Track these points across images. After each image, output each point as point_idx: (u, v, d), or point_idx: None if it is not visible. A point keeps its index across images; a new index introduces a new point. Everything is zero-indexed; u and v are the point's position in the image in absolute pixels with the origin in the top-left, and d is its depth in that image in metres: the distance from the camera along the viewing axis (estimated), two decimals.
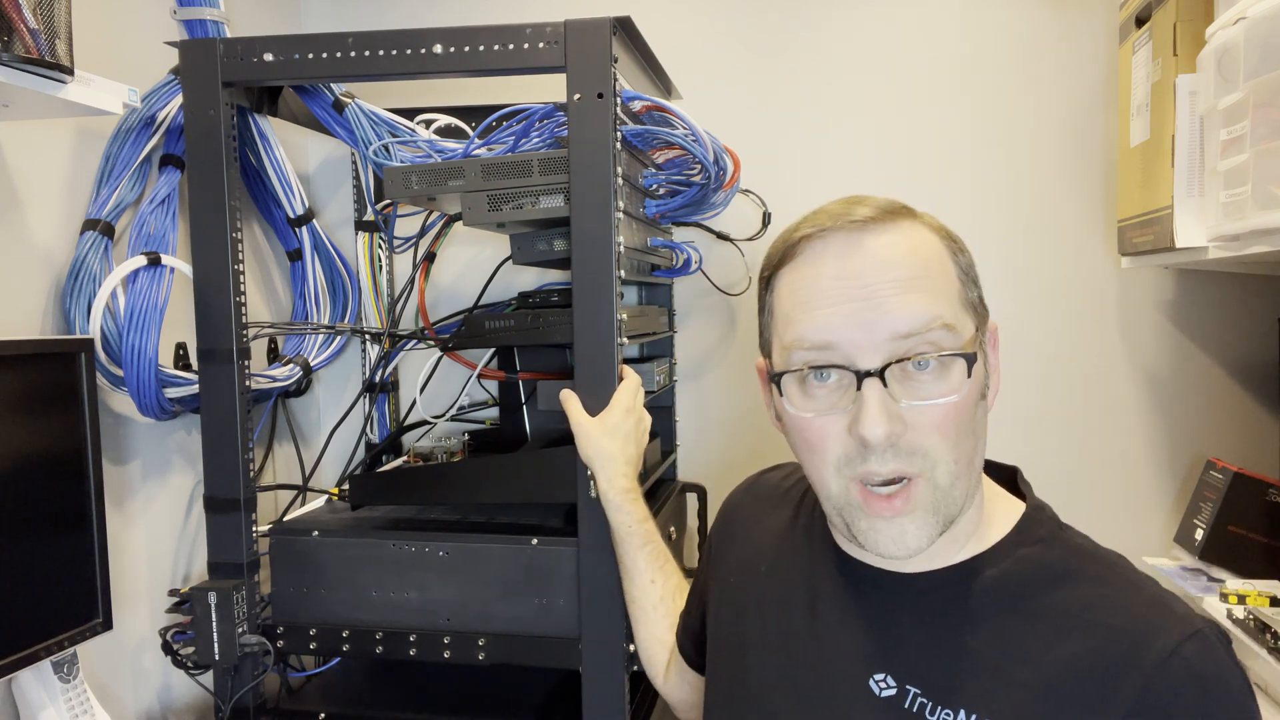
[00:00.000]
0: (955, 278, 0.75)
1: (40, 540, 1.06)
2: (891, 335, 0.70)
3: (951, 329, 0.71)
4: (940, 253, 0.75)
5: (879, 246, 0.73)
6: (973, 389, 0.72)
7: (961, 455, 0.72)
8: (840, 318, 0.72)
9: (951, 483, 0.72)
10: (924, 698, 0.72)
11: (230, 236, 1.24)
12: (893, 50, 1.69)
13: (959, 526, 0.76)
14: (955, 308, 0.73)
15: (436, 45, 1.18)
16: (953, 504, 0.73)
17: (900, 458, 0.71)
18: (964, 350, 0.72)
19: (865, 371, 0.71)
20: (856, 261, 0.73)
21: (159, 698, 1.41)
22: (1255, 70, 1.03)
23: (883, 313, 0.71)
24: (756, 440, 1.78)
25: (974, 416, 0.73)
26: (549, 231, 1.27)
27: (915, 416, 0.71)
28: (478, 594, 1.25)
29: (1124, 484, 1.66)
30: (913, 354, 0.70)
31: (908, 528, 0.72)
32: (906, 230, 0.75)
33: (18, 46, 0.90)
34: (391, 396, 1.81)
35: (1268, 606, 1.25)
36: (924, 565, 0.77)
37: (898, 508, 0.72)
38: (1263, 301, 1.60)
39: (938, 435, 0.71)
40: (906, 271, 0.72)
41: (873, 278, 0.72)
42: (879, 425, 0.69)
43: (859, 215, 0.74)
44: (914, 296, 0.71)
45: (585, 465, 1.17)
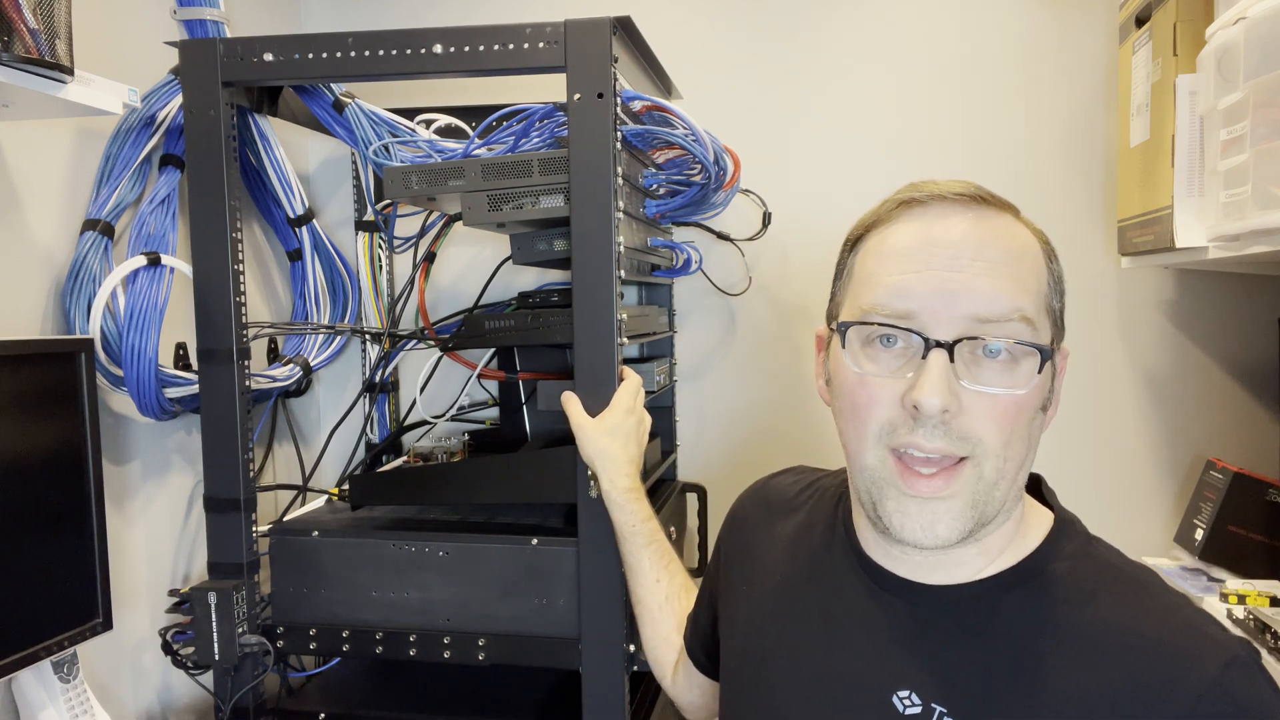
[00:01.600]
0: (1045, 281, 0.73)
1: (40, 540, 1.06)
2: (970, 314, 0.68)
3: (1031, 324, 0.69)
4: (1036, 253, 0.74)
5: (977, 225, 0.71)
6: (1037, 391, 0.70)
7: (1011, 456, 0.70)
8: (924, 284, 0.70)
9: (996, 480, 0.69)
10: (949, 716, 0.70)
11: (230, 236, 1.24)
12: (893, 50, 1.69)
13: (993, 538, 0.74)
14: (1039, 309, 0.71)
15: (436, 45, 1.18)
16: (992, 504, 0.70)
17: (949, 438, 0.68)
18: (1045, 349, 0.70)
19: (936, 341, 0.68)
20: (952, 233, 0.71)
21: (159, 698, 1.41)
22: (1255, 70, 1.03)
23: (968, 289, 0.69)
24: (756, 440, 1.78)
25: (1031, 422, 0.71)
26: (549, 231, 1.27)
27: (974, 402, 0.68)
28: (478, 594, 1.25)
29: (1124, 484, 1.66)
30: (989, 337, 0.68)
31: (940, 515, 0.69)
32: (1008, 221, 0.74)
33: (18, 46, 0.90)
34: (391, 396, 1.81)
35: (1268, 606, 1.25)
36: (953, 577, 0.75)
37: (937, 488, 0.69)
38: (1263, 301, 1.60)
39: (993, 426, 0.68)
40: (1000, 256, 0.70)
41: (965, 252, 0.70)
42: (936, 395, 0.67)
43: (965, 190, 0.72)
44: (1002, 282, 0.69)
45: (586, 466, 1.17)
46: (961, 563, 0.74)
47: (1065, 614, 0.70)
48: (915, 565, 0.77)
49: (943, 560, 0.75)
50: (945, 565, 0.75)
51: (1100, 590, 0.71)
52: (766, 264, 1.74)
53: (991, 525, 0.73)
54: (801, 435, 1.75)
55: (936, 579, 0.76)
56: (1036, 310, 0.70)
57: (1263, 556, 1.42)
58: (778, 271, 1.74)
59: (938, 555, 0.74)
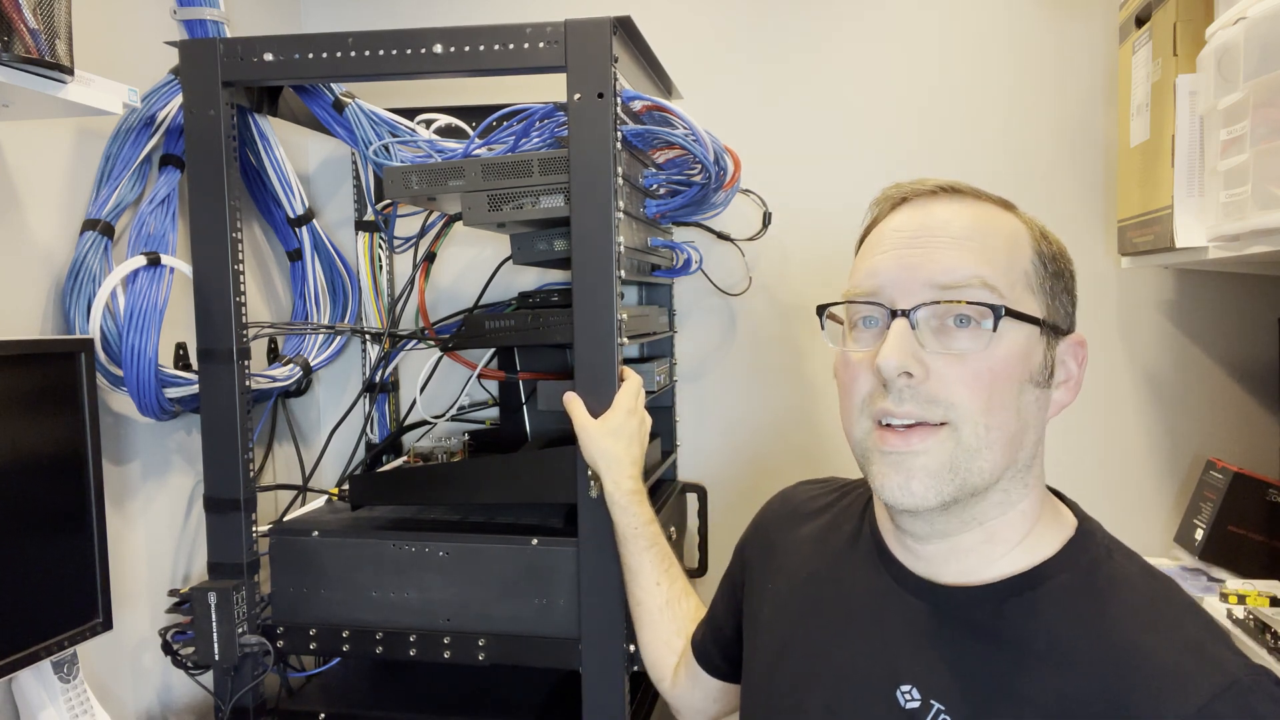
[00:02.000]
0: (1026, 259, 0.75)
1: (40, 540, 1.06)
2: (930, 282, 0.72)
3: (995, 291, 0.71)
4: (1018, 234, 0.76)
5: (944, 209, 0.76)
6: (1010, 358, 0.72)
7: (995, 424, 0.71)
8: (889, 261, 0.75)
9: (979, 447, 0.71)
10: (946, 714, 0.71)
11: (230, 236, 1.24)
12: (893, 50, 1.69)
13: (997, 526, 0.75)
14: (1010, 279, 0.73)
15: (436, 45, 1.18)
16: (976, 473, 0.71)
17: (920, 403, 0.71)
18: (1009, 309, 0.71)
19: (896, 311, 0.73)
20: (919, 219, 0.76)
21: (159, 698, 1.41)
22: (1255, 70, 1.03)
23: (929, 260, 0.73)
24: (756, 440, 1.78)
25: (1015, 394, 0.72)
26: (549, 231, 1.27)
27: (944, 366, 0.71)
28: (478, 594, 1.25)
29: (1124, 484, 1.66)
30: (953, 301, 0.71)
31: (915, 472, 0.71)
32: (987, 208, 0.77)
33: (18, 46, 0.90)
34: (391, 396, 1.81)
35: (1268, 606, 1.25)
36: (964, 576, 0.76)
37: (910, 442, 0.71)
38: (1263, 301, 1.60)
39: (965, 390, 0.70)
40: (964, 232, 0.74)
41: (927, 232, 0.75)
42: (892, 356, 0.70)
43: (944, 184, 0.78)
44: (960, 253, 0.73)
45: (588, 466, 1.17)
46: (969, 550, 0.76)
47: (1069, 624, 0.71)
48: (930, 560, 0.78)
49: (952, 548, 0.76)
50: (955, 554, 0.76)
51: (1109, 603, 0.71)
52: (766, 264, 1.74)
53: (986, 503, 0.74)
54: (802, 435, 1.75)
55: (951, 578, 0.77)
56: (1005, 282, 0.73)
57: (1263, 556, 1.42)
58: (778, 271, 1.74)
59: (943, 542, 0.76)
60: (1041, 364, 0.75)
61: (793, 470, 1.74)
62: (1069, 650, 0.69)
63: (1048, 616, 0.72)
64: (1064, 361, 0.77)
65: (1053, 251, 0.77)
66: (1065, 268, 0.78)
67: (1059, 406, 0.78)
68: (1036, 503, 0.77)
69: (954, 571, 0.77)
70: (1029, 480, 0.76)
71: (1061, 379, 0.77)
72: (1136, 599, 0.71)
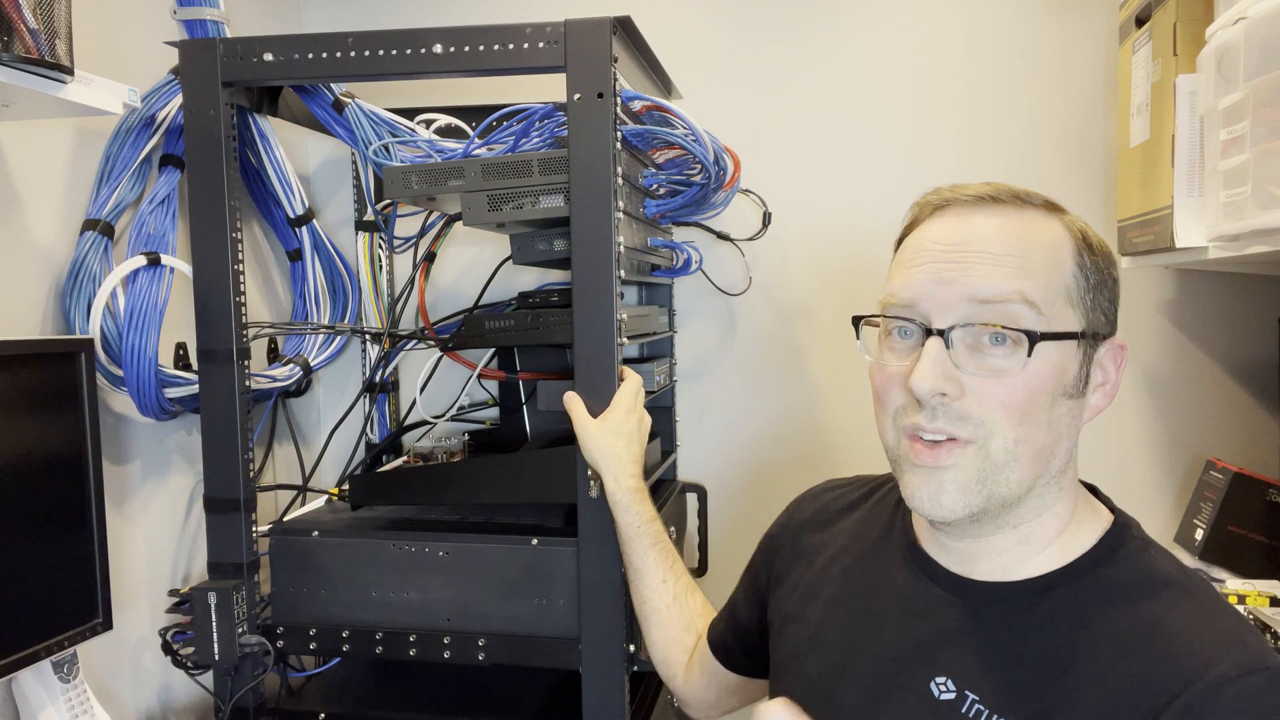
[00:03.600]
0: (1067, 272, 0.74)
1: (40, 540, 1.06)
2: (967, 297, 0.72)
3: (1034, 308, 0.71)
4: (1058, 245, 0.75)
5: (985, 221, 0.75)
6: (1044, 375, 0.71)
7: (1026, 439, 0.71)
8: (926, 274, 0.74)
9: (1006, 460, 0.71)
10: (981, 705, 0.72)
11: (230, 236, 1.24)
12: (893, 50, 1.69)
13: (1031, 528, 0.76)
14: (1050, 295, 0.72)
15: (436, 45, 1.18)
16: (1004, 485, 0.72)
17: (951, 420, 0.72)
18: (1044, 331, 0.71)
19: (931, 329, 0.73)
20: (958, 230, 0.75)
21: (159, 698, 1.41)
22: (1255, 70, 1.03)
23: (965, 275, 0.72)
24: (756, 440, 1.78)
25: (1047, 408, 0.72)
26: (549, 231, 1.27)
27: (977, 385, 0.71)
28: (478, 594, 1.25)
29: (1124, 484, 1.66)
30: (988, 322, 0.71)
31: (945, 485, 0.72)
32: (1029, 217, 0.76)
33: (18, 46, 0.90)
34: (391, 396, 1.81)
35: (1268, 606, 1.25)
36: (999, 572, 0.77)
37: (939, 457, 0.72)
38: (1263, 301, 1.60)
39: (999, 409, 0.71)
40: (1003, 247, 0.73)
41: (967, 246, 0.73)
42: (925, 379, 0.71)
43: (983, 192, 0.76)
44: (1000, 268, 0.72)
45: (589, 465, 1.17)
46: (1002, 550, 0.76)
47: (1105, 615, 0.71)
48: (962, 557, 0.79)
49: (984, 548, 0.77)
50: (988, 554, 0.77)
51: (1146, 597, 0.72)
52: (766, 264, 1.74)
53: (1020, 510, 0.75)
54: (802, 434, 1.75)
55: (984, 574, 0.78)
56: (1045, 296, 0.72)
57: (1263, 556, 1.42)
58: (778, 271, 1.74)
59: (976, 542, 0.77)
60: (1076, 376, 0.74)
61: (793, 470, 1.74)
62: (1105, 637, 0.70)
63: (1084, 610, 0.72)
64: (1102, 365, 0.77)
65: (1095, 260, 0.76)
66: (1109, 273, 0.77)
67: (1095, 411, 0.77)
68: (1070, 503, 0.78)
69: (987, 569, 0.78)
70: (1063, 484, 0.77)
71: (1098, 383, 0.77)
72: (1175, 592, 0.72)
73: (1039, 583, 0.75)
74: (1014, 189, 0.77)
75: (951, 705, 0.74)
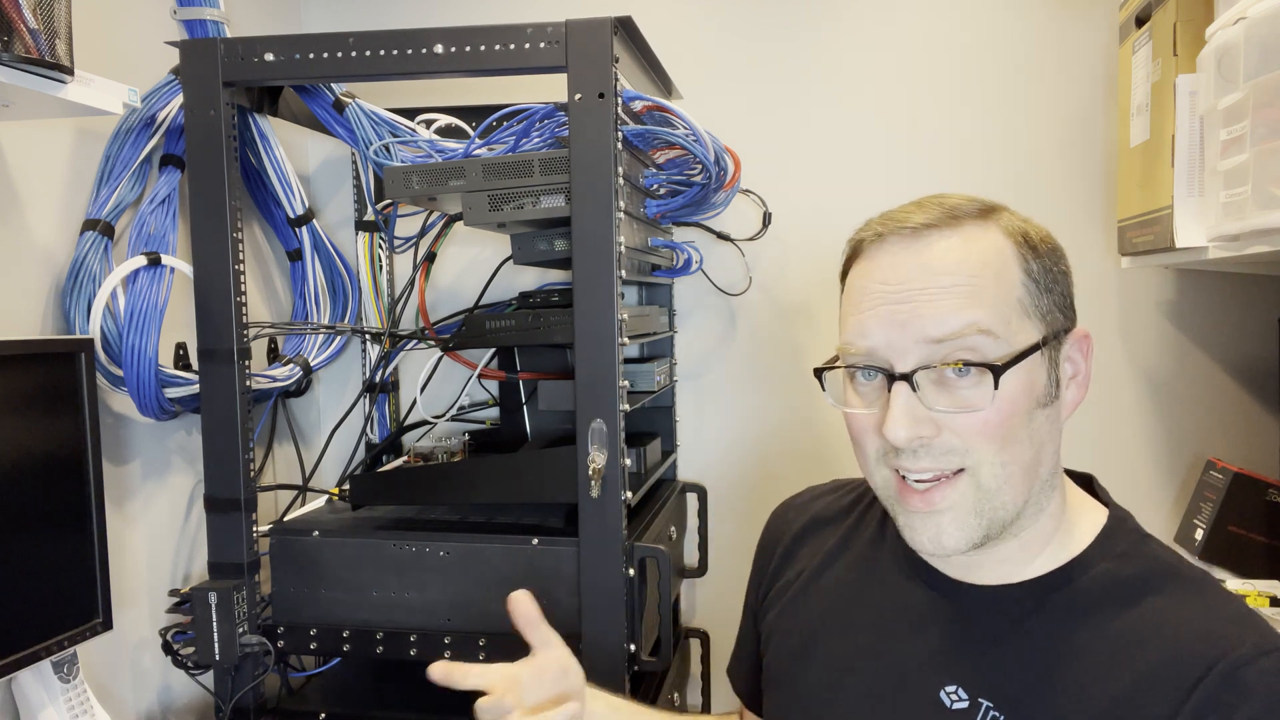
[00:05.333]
0: (1016, 283, 0.73)
1: (40, 540, 1.06)
2: (923, 338, 0.71)
3: (991, 335, 0.70)
4: (1001, 258, 0.73)
5: (927, 253, 0.73)
6: (1016, 396, 0.71)
7: (1012, 459, 0.71)
8: (878, 320, 0.73)
9: (999, 486, 0.71)
10: (996, 711, 0.71)
11: (230, 236, 1.24)
12: (893, 50, 1.69)
13: (1030, 534, 0.76)
14: (1004, 315, 0.71)
15: (437, 45, 1.18)
16: (1000, 509, 0.72)
17: (935, 457, 0.71)
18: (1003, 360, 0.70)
19: (894, 374, 0.71)
20: (903, 268, 0.73)
21: (159, 698, 1.41)
22: (1255, 70, 1.03)
23: (916, 316, 0.71)
24: (756, 440, 1.78)
25: (1025, 424, 0.71)
26: (550, 231, 1.27)
27: (951, 421, 0.71)
28: (478, 594, 1.25)
29: (1124, 484, 1.64)
30: (949, 360, 0.70)
31: (945, 526, 0.72)
32: (967, 234, 0.73)
33: (18, 46, 0.89)
34: (392, 396, 1.81)
35: (1268, 606, 1.25)
36: (1001, 578, 0.76)
37: (934, 502, 0.72)
38: (1263, 301, 1.60)
39: (979, 439, 0.70)
40: (949, 279, 0.71)
41: (913, 283, 0.72)
42: (900, 429, 0.70)
43: (915, 221, 0.74)
44: (950, 302, 0.71)
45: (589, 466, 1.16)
46: (1004, 559, 0.76)
47: (1113, 611, 0.71)
48: (964, 565, 0.78)
49: (987, 557, 0.76)
50: (990, 562, 0.76)
51: (1150, 589, 0.72)
52: (766, 264, 1.74)
53: (1017, 525, 0.74)
54: (802, 435, 1.75)
55: (984, 578, 0.77)
56: (998, 318, 0.71)
57: (1263, 556, 1.42)
58: (778, 271, 1.74)
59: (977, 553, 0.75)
60: (1047, 383, 0.73)
61: (793, 470, 1.74)
62: (1115, 634, 0.70)
63: (1090, 607, 0.72)
64: (1070, 359, 0.76)
65: (1041, 261, 0.74)
66: (1056, 269, 0.75)
67: (1072, 405, 0.77)
68: (1061, 498, 0.78)
69: (989, 574, 0.77)
70: (1054, 483, 0.77)
71: (1069, 376, 0.76)
72: (1177, 584, 0.72)
73: (1042, 583, 0.75)
74: (945, 204, 0.75)
75: (966, 714, 0.72)
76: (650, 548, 1.23)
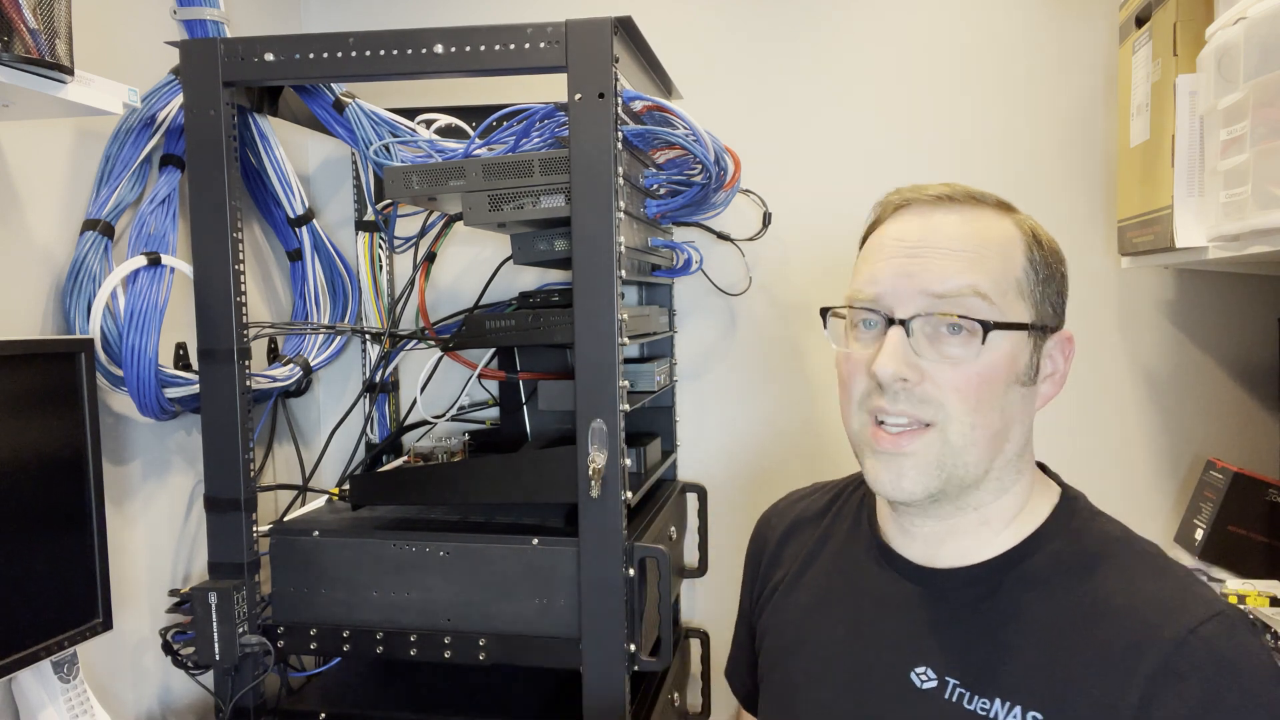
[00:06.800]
0: (1018, 265, 0.79)
1: (40, 540, 1.06)
2: (925, 291, 0.76)
3: (987, 299, 0.75)
4: (1010, 242, 0.79)
5: (943, 219, 0.80)
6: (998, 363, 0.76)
7: (981, 424, 0.76)
8: (888, 270, 0.79)
9: (964, 445, 0.76)
10: (962, 688, 0.76)
11: (230, 236, 1.24)
12: (893, 50, 1.69)
13: (991, 511, 0.80)
14: (1001, 288, 0.77)
15: (437, 45, 1.18)
16: (962, 467, 0.76)
17: (912, 403, 0.76)
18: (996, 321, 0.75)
19: (893, 319, 0.77)
20: (919, 229, 0.80)
21: (159, 698, 1.41)
22: (1255, 70, 1.03)
23: (923, 269, 0.77)
24: (756, 440, 1.78)
25: (1000, 394, 0.76)
26: (550, 231, 1.27)
27: (936, 371, 0.76)
28: (478, 594, 1.25)
29: (1124, 484, 1.66)
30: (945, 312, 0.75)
31: (907, 470, 0.77)
32: (982, 214, 0.80)
33: (18, 46, 0.89)
34: (392, 396, 1.81)
35: (1268, 606, 1.25)
36: (961, 560, 0.81)
37: (901, 445, 0.77)
38: (1263, 301, 1.60)
39: (955, 394, 0.75)
40: (958, 243, 0.77)
41: (925, 243, 0.78)
42: (889, 364, 0.75)
43: (943, 192, 0.81)
44: (954, 264, 0.76)
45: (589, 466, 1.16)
46: (964, 532, 0.81)
47: (1066, 587, 0.76)
48: (927, 543, 0.83)
49: (949, 530, 0.81)
50: (952, 536, 0.81)
51: (1100, 562, 0.77)
52: (766, 264, 1.74)
53: (980, 492, 0.79)
54: (802, 434, 1.75)
55: (947, 561, 0.82)
56: (997, 289, 0.76)
57: (1263, 556, 1.42)
58: (778, 271, 1.74)
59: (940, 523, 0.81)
60: (1028, 364, 0.79)
61: (793, 470, 1.74)
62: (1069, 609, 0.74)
63: (1044, 584, 0.77)
64: (1051, 356, 0.81)
65: (1044, 255, 0.80)
66: (1057, 269, 0.81)
67: (1045, 399, 0.82)
68: (1028, 484, 0.82)
69: (950, 554, 0.82)
70: (1020, 466, 0.81)
71: (1047, 373, 0.81)
72: (1124, 554, 0.77)
73: (999, 563, 0.79)
74: (970, 190, 0.81)
75: (934, 693, 0.77)
76: (650, 548, 1.23)
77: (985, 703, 0.74)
